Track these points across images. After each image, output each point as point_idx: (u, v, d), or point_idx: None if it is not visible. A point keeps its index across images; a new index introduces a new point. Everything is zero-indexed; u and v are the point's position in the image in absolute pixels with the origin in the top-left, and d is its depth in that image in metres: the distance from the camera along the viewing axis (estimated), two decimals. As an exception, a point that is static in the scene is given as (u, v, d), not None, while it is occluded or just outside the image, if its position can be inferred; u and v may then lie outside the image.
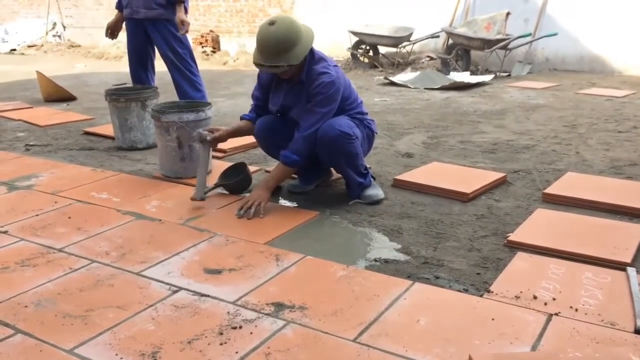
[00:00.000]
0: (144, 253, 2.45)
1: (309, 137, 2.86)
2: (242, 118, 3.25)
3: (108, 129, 4.48)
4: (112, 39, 4.50)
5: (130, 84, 4.52)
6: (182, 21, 4.23)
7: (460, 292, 2.12)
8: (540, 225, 2.67)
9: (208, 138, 3.06)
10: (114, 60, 10.43)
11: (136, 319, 1.94)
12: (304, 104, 2.90)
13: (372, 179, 3.12)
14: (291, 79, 2.92)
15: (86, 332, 1.86)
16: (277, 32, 2.72)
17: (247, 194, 3.06)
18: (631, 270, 2.19)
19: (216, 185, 3.16)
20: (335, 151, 2.90)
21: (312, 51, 2.88)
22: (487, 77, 7.30)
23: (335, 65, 2.97)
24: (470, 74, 7.59)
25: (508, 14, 7.65)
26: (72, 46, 12.24)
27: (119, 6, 4.35)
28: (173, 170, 3.44)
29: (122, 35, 4.56)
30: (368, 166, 3.14)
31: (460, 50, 7.97)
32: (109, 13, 4.49)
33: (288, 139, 2.93)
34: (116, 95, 4.12)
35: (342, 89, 2.90)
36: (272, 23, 2.75)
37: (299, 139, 2.86)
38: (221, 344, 1.79)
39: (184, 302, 2.04)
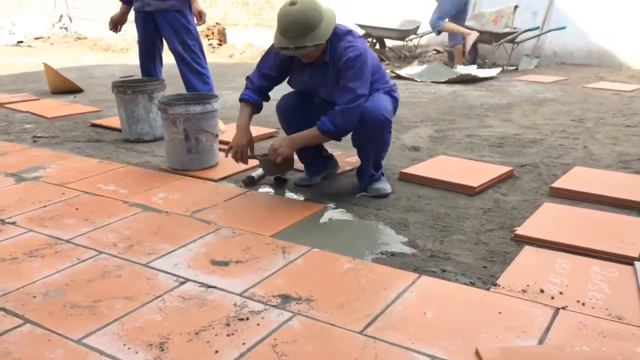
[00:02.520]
0: (151, 245, 2.46)
1: (349, 111, 2.75)
2: (246, 100, 3.07)
3: (115, 121, 4.49)
4: (116, 32, 4.50)
5: (137, 76, 4.52)
6: (200, 12, 4.23)
7: (467, 285, 2.12)
8: (548, 219, 2.66)
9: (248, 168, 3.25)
10: (120, 53, 10.44)
11: (144, 309, 1.95)
12: (332, 84, 2.83)
13: (381, 174, 3.13)
14: (314, 61, 2.85)
15: (94, 323, 1.87)
16: (301, 11, 2.65)
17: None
18: (638, 265, 2.18)
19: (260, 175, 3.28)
20: (373, 135, 2.90)
21: (334, 30, 2.78)
22: (494, 71, 7.25)
23: (361, 37, 2.91)
24: (477, 68, 7.54)
25: (516, 7, 7.59)
26: (79, 38, 12.25)
27: (125, -1, 4.35)
28: (180, 163, 3.45)
29: (129, 27, 4.56)
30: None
31: (467, 44, 7.92)
32: (116, 5, 4.46)
33: (316, 117, 2.87)
34: (123, 88, 4.13)
35: (369, 60, 2.83)
36: (293, 3, 2.67)
37: (339, 111, 2.76)
38: (228, 335, 1.80)
39: (191, 294, 2.05)
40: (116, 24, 4.43)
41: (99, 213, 2.81)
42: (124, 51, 10.44)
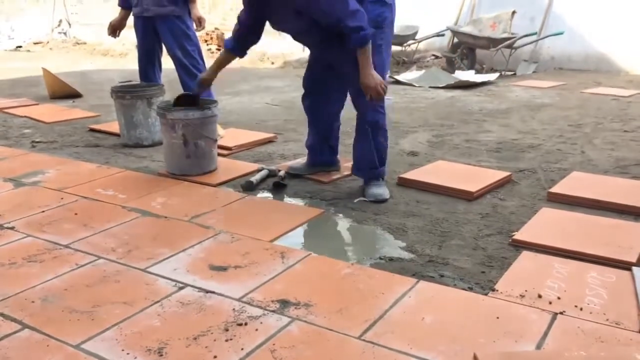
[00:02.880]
0: (149, 250, 2.46)
1: (358, 14, 2.70)
2: (225, 47, 3.23)
3: (114, 126, 4.50)
4: (115, 38, 4.52)
5: (135, 81, 4.53)
6: (199, 18, 4.26)
7: (465, 290, 2.12)
8: (546, 225, 2.67)
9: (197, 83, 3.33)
10: (119, 57, 10.45)
11: (142, 315, 1.95)
12: (313, 14, 2.76)
13: (382, 177, 3.14)
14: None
15: (93, 328, 1.87)
16: None
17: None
18: (636, 270, 2.19)
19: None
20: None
21: None
22: (492, 76, 7.29)
23: None
24: (476, 73, 7.58)
25: (514, 12, 7.64)
26: (78, 43, 12.26)
27: (124, 4, 4.36)
28: (179, 168, 3.45)
29: (128, 32, 4.57)
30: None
31: (465, 49, 7.97)
32: (115, 10, 4.47)
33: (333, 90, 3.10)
34: (122, 93, 4.13)
35: None
36: None
37: (355, 17, 2.69)
38: (227, 340, 1.80)
39: (190, 299, 2.05)
40: (115, 29, 4.45)
41: (98, 218, 2.81)
42: (122, 56, 10.46)
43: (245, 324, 1.89)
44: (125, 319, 1.92)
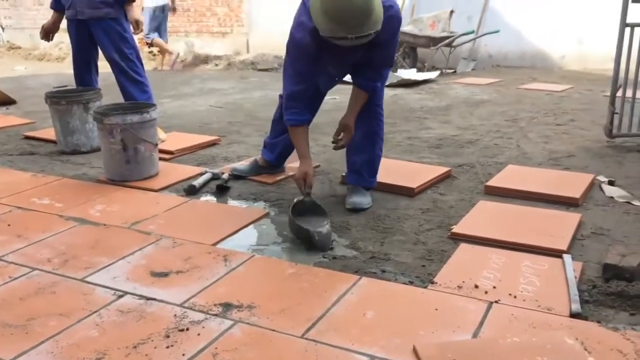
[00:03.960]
0: (87, 259, 2.39)
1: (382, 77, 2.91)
2: (301, 123, 2.81)
3: (50, 133, 4.35)
4: (48, 41, 4.37)
5: (71, 86, 4.39)
6: (136, 21, 4.16)
7: (406, 284, 2.16)
8: (482, 217, 2.75)
9: (307, 191, 2.77)
10: (56, 62, 10.11)
11: (79, 326, 1.90)
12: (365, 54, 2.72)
13: (367, 187, 3.05)
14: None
15: (27, 342, 1.81)
16: None
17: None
18: (567, 257, 2.29)
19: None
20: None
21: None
22: (433, 74, 7.44)
23: None
24: (417, 71, 7.72)
25: (452, 12, 7.82)
26: (12, 48, 11.77)
27: (56, 6, 4.21)
28: (118, 174, 3.38)
29: (65, 36, 4.42)
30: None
31: (407, 48, 8.11)
32: (50, 13, 4.33)
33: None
34: (57, 98, 4.01)
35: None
36: None
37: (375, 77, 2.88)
38: (167, 347, 1.77)
39: (130, 307, 2.01)
40: (48, 33, 4.29)
41: (33, 228, 2.71)
42: (59, 60, 10.13)
43: (187, 329, 1.87)
44: (61, 331, 1.87)
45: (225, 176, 3.37)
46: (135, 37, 4.30)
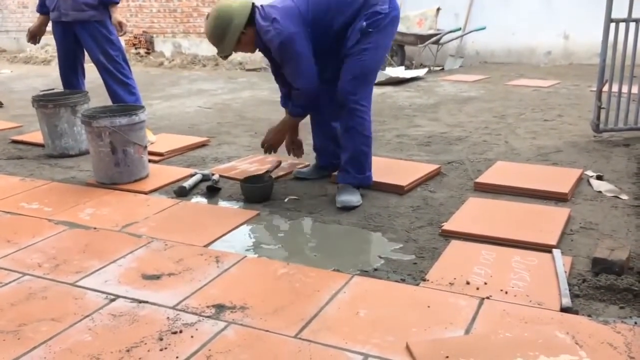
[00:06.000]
0: (78, 263, 2.38)
1: (297, 96, 3.03)
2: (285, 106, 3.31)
3: (37, 137, 4.32)
4: (35, 44, 4.34)
5: (59, 89, 4.36)
6: (120, 23, 4.15)
7: (398, 282, 2.18)
8: (472, 214, 2.77)
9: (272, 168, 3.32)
10: (42, 65, 10.03)
11: (72, 330, 1.89)
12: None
13: (357, 184, 3.06)
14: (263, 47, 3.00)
15: (19, 348, 1.80)
16: (209, 23, 2.90)
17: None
18: (556, 252, 2.31)
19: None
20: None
21: (257, 15, 2.89)
22: (421, 72, 7.47)
23: (276, 17, 2.83)
24: (405, 69, 7.74)
25: (439, 9, 7.86)
26: (-3, 51, 11.68)
27: (42, 10, 4.19)
28: (108, 176, 3.36)
29: (51, 39, 4.39)
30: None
31: (395, 46, 8.12)
32: (35, 16, 4.30)
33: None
34: (44, 101, 3.98)
35: (294, 29, 2.82)
36: (207, 16, 2.94)
37: (294, 96, 3.06)
38: (161, 350, 1.77)
39: (122, 310, 2.01)
40: (34, 36, 4.27)
41: (22, 233, 2.70)
42: (46, 63, 10.04)
43: (180, 331, 1.87)
44: (53, 336, 1.86)
45: (215, 177, 3.37)
46: (121, 39, 4.29)
